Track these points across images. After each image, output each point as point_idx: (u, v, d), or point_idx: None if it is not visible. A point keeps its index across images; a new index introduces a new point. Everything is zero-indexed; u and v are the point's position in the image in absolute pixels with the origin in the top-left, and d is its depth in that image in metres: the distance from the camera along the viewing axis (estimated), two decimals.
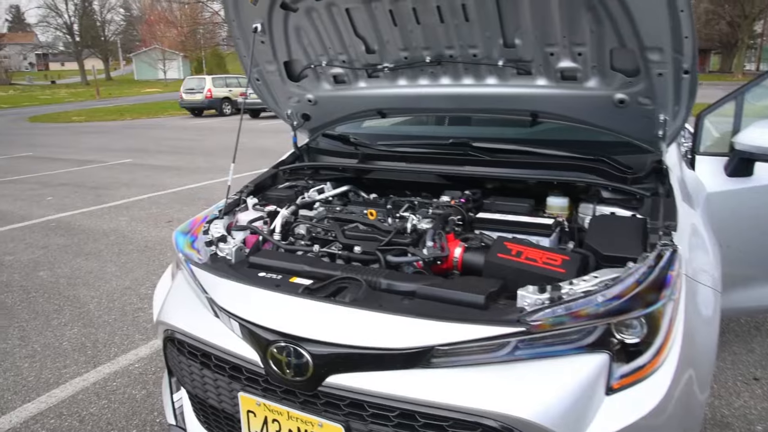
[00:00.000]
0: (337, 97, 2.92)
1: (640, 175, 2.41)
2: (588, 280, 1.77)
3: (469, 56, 2.45)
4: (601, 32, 2.12)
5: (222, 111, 23.04)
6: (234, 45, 2.78)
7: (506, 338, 1.59)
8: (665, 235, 1.97)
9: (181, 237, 2.41)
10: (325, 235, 2.38)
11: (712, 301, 2.03)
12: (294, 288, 1.89)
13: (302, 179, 3.02)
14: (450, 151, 2.77)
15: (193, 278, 2.10)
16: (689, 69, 2.04)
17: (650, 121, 2.32)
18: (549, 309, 1.63)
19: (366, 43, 2.59)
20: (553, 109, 2.51)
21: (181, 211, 7.13)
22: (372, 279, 1.92)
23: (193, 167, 10.57)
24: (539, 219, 2.31)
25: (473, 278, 1.96)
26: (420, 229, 2.26)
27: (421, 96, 2.71)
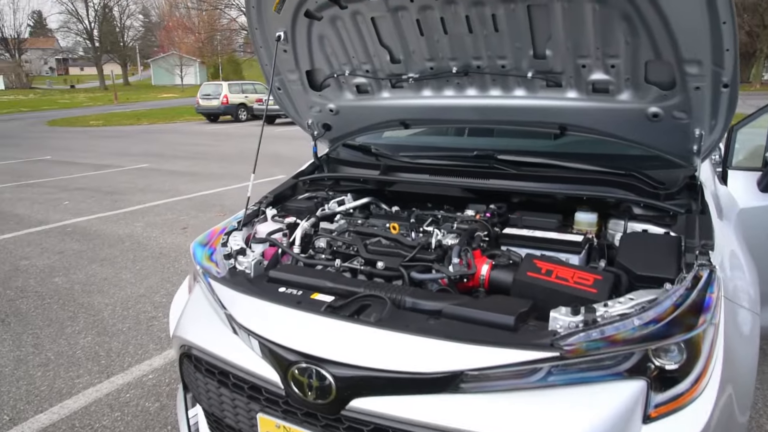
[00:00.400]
0: (360, 107, 2.87)
1: (672, 190, 2.32)
2: (623, 302, 1.69)
3: (498, 67, 2.38)
4: (636, 44, 2.04)
5: (238, 117, 23.16)
6: (255, 53, 2.74)
7: (539, 363, 1.52)
8: (702, 254, 1.88)
9: (199, 249, 2.36)
10: (346, 249, 2.32)
11: (750, 323, 1.94)
12: (316, 306, 1.83)
13: (322, 190, 2.96)
14: (474, 164, 2.70)
15: (212, 293, 2.04)
16: (729, 83, 1.96)
17: (685, 136, 2.24)
18: (583, 333, 1.56)
19: (391, 52, 2.53)
20: (583, 122, 2.43)
21: (196, 217, 7.12)
22: (396, 297, 1.85)
23: (208, 173, 10.59)
24: (568, 236, 2.23)
25: (501, 297, 1.89)
26: (445, 244, 2.19)
27: (447, 107, 2.65)
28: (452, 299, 1.83)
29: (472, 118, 2.67)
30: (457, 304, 1.79)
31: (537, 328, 1.69)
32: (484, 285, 2.03)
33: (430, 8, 2.24)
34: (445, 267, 2.05)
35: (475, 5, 2.15)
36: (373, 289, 1.90)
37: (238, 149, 14.26)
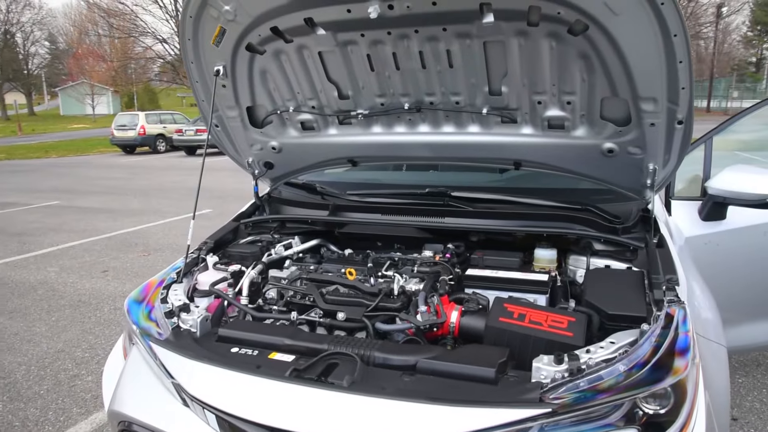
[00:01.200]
0: (305, 145, 2.73)
1: (628, 224, 2.33)
2: (605, 346, 1.65)
3: (452, 104, 2.32)
4: (592, 81, 2.04)
5: (156, 148, 22.22)
6: (191, 88, 2.55)
7: (531, 422, 1.42)
8: (669, 290, 1.88)
9: (134, 306, 2.11)
10: (301, 299, 2.15)
11: (720, 355, 1.96)
12: (278, 369, 1.65)
13: (266, 233, 2.78)
14: (428, 202, 2.62)
15: (155, 359, 1.81)
16: (684, 119, 1.99)
17: (639, 170, 2.26)
18: (571, 383, 1.48)
19: (339, 88, 2.43)
20: (538, 158, 2.41)
21: (117, 258, 6.62)
22: (364, 353, 1.71)
23: (127, 209, 9.98)
24: (533, 275, 2.18)
25: (476, 347, 1.79)
26: (409, 290, 2.07)
27: (398, 144, 2.56)
28: (425, 352, 1.72)
29: (424, 155, 2.59)
30: (432, 357, 1.68)
31: (518, 379, 1.60)
32: (454, 333, 1.93)
33: (382, 43, 2.16)
34: (412, 316, 1.93)
35: (429, 40, 2.09)
36: (338, 346, 1.75)
37: (158, 182, 13.59)
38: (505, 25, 1.96)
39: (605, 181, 2.41)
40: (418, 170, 3.35)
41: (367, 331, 1.95)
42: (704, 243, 2.78)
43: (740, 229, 2.84)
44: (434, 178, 3.24)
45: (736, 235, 2.84)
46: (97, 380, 3.62)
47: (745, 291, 2.83)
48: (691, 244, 2.74)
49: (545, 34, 1.96)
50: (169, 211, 9.73)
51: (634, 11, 1.75)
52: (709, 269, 2.79)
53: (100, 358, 3.95)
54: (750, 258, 2.86)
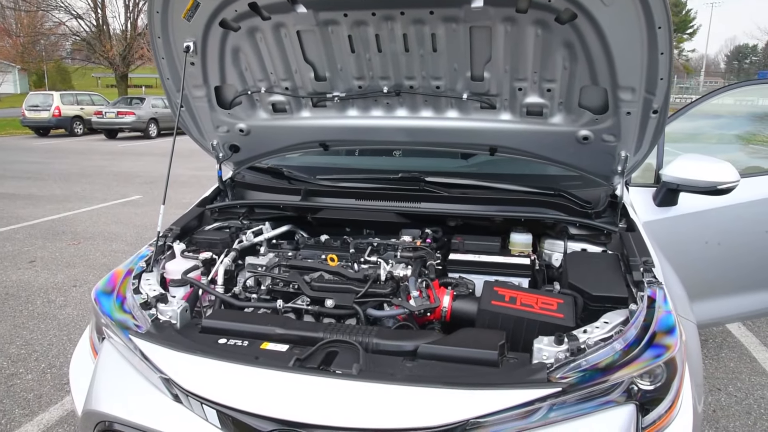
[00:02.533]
0: (274, 128, 2.63)
1: (599, 209, 2.42)
2: (600, 326, 1.71)
3: (432, 88, 2.31)
4: (574, 69, 2.09)
5: (73, 131, 20.81)
6: (156, 65, 2.39)
7: (541, 401, 1.45)
8: (647, 271, 1.97)
9: (104, 298, 1.96)
10: (284, 286, 2.08)
11: (693, 331, 2.08)
12: (278, 359, 1.59)
13: (234, 218, 2.67)
14: (403, 187, 2.60)
15: (137, 353, 1.69)
16: (659, 109, 2.08)
17: (611, 157, 2.35)
18: (574, 363, 1.53)
19: (315, 69, 2.35)
20: (514, 144, 2.45)
21: (44, 248, 6.16)
22: (363, 340, 1.68)
23: (49, 195, 9.30)
24: (515, 258, 2.22)
25: (474, 331, 1.80)
26: (397, 276, 2.06)
27: (374, 128, 2.52)
28: (424, 337, 1.72)
29: (400, 139, 2.57)
30: (432, 342, 1.67)
31: (519, 361, 1.63)
32: (446, 317, 1.94)
33: (365, 24, 2.11)
34: (404, 301, 1.91)
35: (414, 23, 2.06)
36: (334, 333, 1.71)
37: (78, 167, 12.75)
38: (493, 11, 1.96)
39: (577, 167, 2.48)
40: (383, 155, 3.32)
41: (359, 317, 1.92)
42: (659, 228, 2.94)
43: (691, 214, 3.02)
44: (399, 163, 3.22)
45: (687, 220, 3.02)
46: (38, 378, 3.37)
47: (696, 273, 3.02)
48: (647, 228, 2.88)
49: (532, 22, 1.98)
50: (95, 197, 9.16)
51: (623, 2, 1.79)
52: (664, 252, 2.96)
53: (38, 354, 3.67)
54: (700, 241, 3.06)
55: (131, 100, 21.10)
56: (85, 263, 5.62)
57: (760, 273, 3.22)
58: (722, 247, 3.16)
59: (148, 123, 19.92)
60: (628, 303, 1.90)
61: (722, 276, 3.23)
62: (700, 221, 3.05)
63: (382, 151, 3.30)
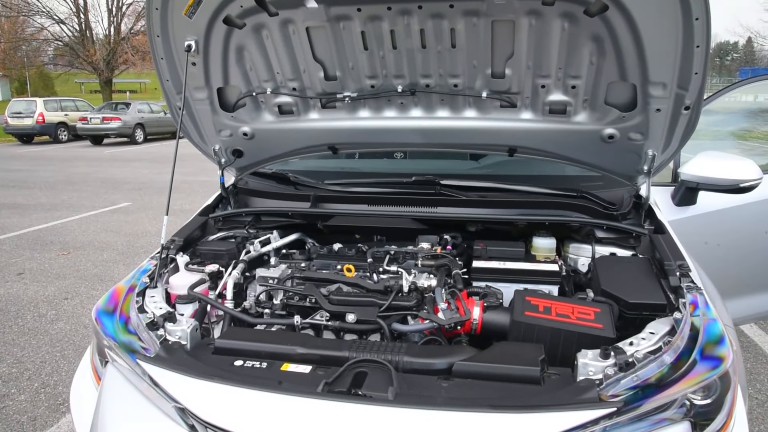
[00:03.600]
0: (281, 131, 2.49)
1: (624, 211, 2.32)
2: (647, 338, 1.60)
3: (449, 86, 2.19)
4: (601, 65, 1.98)
5: (57, 137, 20.46)
6: (155, 66, 2.24)
7: (594, 424, 1.33)
8: (683, 276, 1.87)
9: (106, 319, 1.82)
10: (300, 300, 1.95)
11: (734, 336, 1.97)
12: (304, 383, 1.46)
13: (239, 227, 2.53)
14: (418, 191, 2.48)
15: (146, 379, 1.55)
16: (691, 105, 1.98)
17: (636, 156, 2.24)
18: (625, 379, 1.42)
19: (325, 68, 2.22)
20: (535, 144, 2.33)
21: (32, 259, 5.96)
22: (392, 358, 1.56)
23: (35, 204, 9.07)
24: (543, 265, 2.10)
25: (508, 344, 1.68)
26: (421, 286, 1.93)
27: (386, 130, 2.39)
28: (457, 353, 1.59)
29: (414, 141, 2.45)
30: (467, 359, 1.55)
31: (561, 377, 1.51)
32: (476, 330, 1.81)
33: (379, 19, 1.98)
34: (432, 314, 1.79)
35: (432, 18, 1.94)
36: (360, 352, 1.58)
37: (64, 174, 12.50)
38: (517, 4, 1.85)
39: (599, 167, 2.37)
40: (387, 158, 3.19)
41: (383, 332, 1.79)
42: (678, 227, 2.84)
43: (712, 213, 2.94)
44: (406, 165, 3.10)
45: (707, 220, 2.93)
46: (32, 399, 3.20)
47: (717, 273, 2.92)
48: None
49: (559, 14, 1.87)
50: (83, 205, 8.95)
51: None
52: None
53: (30, 373, 3.50)
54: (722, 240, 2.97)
55: (116, 106, 20.83)
56: (76, 274, 5.43)
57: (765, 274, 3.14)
58: (722, 248, 3.08)
59: (134, 128, 19.67)
60: (666, 310, 1.80)
61: (725, 277, 3.15)
62: (722, 220, 2.96)
63: (388, 153, 3.18)
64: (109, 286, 5.19)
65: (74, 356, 3.69)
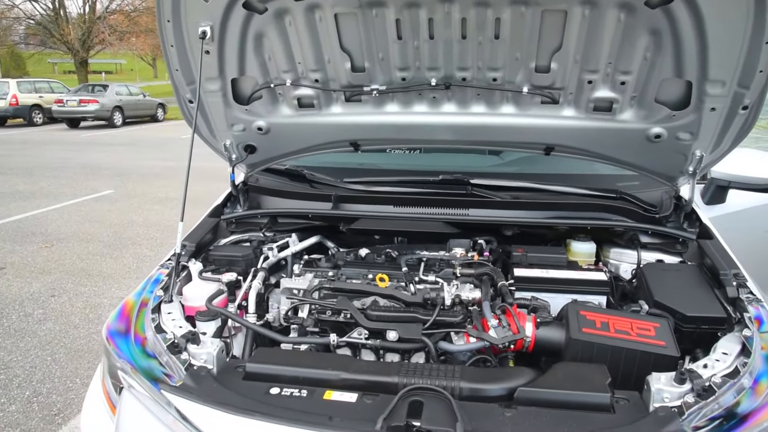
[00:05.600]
0: (299, 125, 2.31)
1: (665, 213, 2.19)
2: (721, 359, 1.48)
3: (487, 80, 2.03)
4: (656, 60, 1.84)
5: (32, 120, 19.76)
6: (164, 53, 2.04)
7: None
8: (741, 286, 1.76)
9: (122, 342, 1.64)
10: (333, 315, 1.79)
11: None
12: (360, 418, 1.30)
13: (254, 230, 2.35)
14: (448, 191, 2.32)
15: (178, 414, 1.38)
16: (750, 105, 1.85)
17: (682, 157, 2.10)
18: (706, 408, 1.29)
19: (352, 58, 2.04)
20: (574, 143, 2.19)
21: (13, 252, 5.68)
22: (447, 384, 1.41)
23: (12, 191, 8.69)
24: (589, 273, 1.97)
25: (571, 366, 1.54)
26: (466, 300, 1.79)
27: (415, 126, 2.23)
28: (516, 377, 1.45)
29: (445, 138, 2.28)
30: (529, 384, 1.41)
31: (631, 403, 1.39)
32: (528, 348, 1.67)
33: (417, 6, 1.81)
34: (482, 331, 1.64)
35: (476, 6, 1.78)
36: (409, 377, 1.43)
37: (42, 159, 12.04)
38: None
39: (640, 167, 2.23)
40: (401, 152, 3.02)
41: (429, 352, 1.64)
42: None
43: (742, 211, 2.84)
44: (423, 161, 2.94)
45: (737, 219, 2.83)
46: (24, 409, 2.99)
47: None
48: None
49: (616, 5, 1.72)
50: (64, 192, 8.61)
51: None
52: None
53: (20, 380, 3.29)
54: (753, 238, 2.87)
55: (93, 88, 20.18)
56: (62, 269, 5.19)
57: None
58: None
59: (112, 111, 19.10)
60: (725, 324, 1.69)
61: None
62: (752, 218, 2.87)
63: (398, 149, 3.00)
64: (97, 280, 4.98)
65: (66, 360, 3.48)
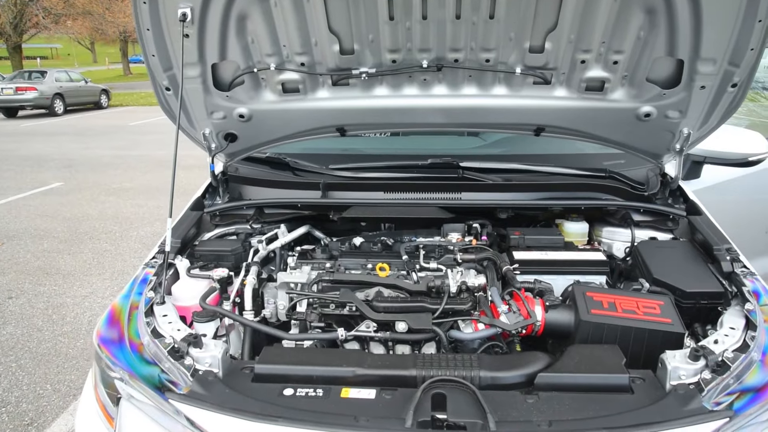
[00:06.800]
0: (283, 111, 2.21)
1: (654, 191, 2.23)
2: (729, 334, 1.51)
3: (480, 61, 1.98)
4: (649, 39, 1.84)
5: None
6: (139, 37, 1.90)
7: None
8: (735, 261, 1.81)
9: (117, 350, 1.53)
10: (337, 309, 1.73)
11: None
12: (388, 416, 1.26)
13: (241, 222, 2.25)
14: (438, 175, 2.28)
15: (189, 424, 1.30)
16: (740, 83, 1.87)
17: (670, 135, 2.13)
18: (723, 383, 1.32)
19: (341, 41, 1.95)
20: (565, 123, 2.18)
21: None
22: (467, 374, 1.39)
23: None
24: (588, 254, 1.98)
25: (585, 348, 1.54)
26: (472, 286, 1.76)
27: (405, 109, 2.16)
28: (534, 363, 1.45)
29: (436, 121, 2.23)
30: (546, 368, 1.41)
31: (648, 382, 1.40)
32: (538, 332, 1.66)
33: None
34: (492, 317, 1.62)
35: None
36: (427, 369, 1.40)
37: None
38: None
39: (628, 145, 2.25)
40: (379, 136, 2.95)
41: (440, 342, 1.61)
42: None
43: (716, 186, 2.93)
44: (402, 144, 2.90)
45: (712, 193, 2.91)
46: None
47: None
48: None
49: None
50: (8, 186, 8.14)
51: None
52: None
53: None
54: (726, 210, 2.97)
55: (30, 74, 19.09)
56: (17, 268, 4.90)
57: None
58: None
59: (52, 99, 18.10)
60: (722, 298, 1.73)
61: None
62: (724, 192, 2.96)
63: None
64: (56, 279, 4.74)
65: (33, 366, 3.30)
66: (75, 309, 4.08)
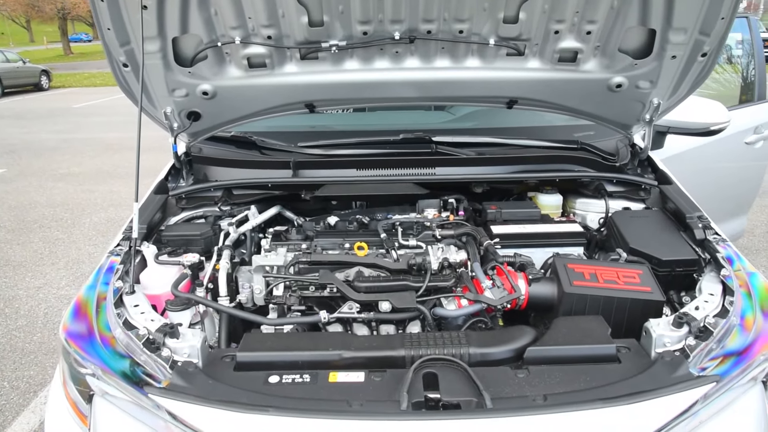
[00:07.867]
0: (249, 87, 2.12)
1: (624, 161, 2.25)
2: (709, 300, 1.54)
3: (453, 33, 1.93)
4: (622, 8, 1.83)
5: None
6: (92, 10, 1.76)
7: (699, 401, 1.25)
8: (707, 228, 1.85)
9: (87, 344, 1.44)
10: (316, 291, 1.68)
11: None
12: (381, 400, 1.23)
13: (208, 205, 2.16)
14: (411, 150, 2.24)
15: (171, 418, 1.24)
16: (709, 52, 1.89)
17: (640, 105, 2.14)
18: (706, 348, 1.35)
19: (310, 12, 1.87)
20: (537, 95, 2.16)
21: None
22: (456, 351, 1.37)
23: None
24: (566, 226, 1.99)
25: (569, 320, 1.55)
26: (454, 262, 1.74)
27: (376, 83, 2.10)
28: (521, 337, 1.44)
29: (408, 95, 2.17)
30: (533, 342, 1.41)
31: (634, 351, 1.41)
32: (522, 306, 1.66)
33: None
34: (477, 293, 1.61)
35: None
36: (415, 348, 1.38)
37: None
38: None
39: (598, 116, 2.26)
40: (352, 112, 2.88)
41: (425, 320, 1.59)
42: None
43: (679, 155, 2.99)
44: (370, 120, 2.84)
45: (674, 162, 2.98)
46: None
47: None
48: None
49: None
50: None
51: None
52: None
53: None
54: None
55: None
56: None
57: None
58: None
59: None
60: (696, 265, 1.77)
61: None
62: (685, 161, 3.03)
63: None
64: (6, 271, 4.50)
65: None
66: (29, 301, 3.88)
